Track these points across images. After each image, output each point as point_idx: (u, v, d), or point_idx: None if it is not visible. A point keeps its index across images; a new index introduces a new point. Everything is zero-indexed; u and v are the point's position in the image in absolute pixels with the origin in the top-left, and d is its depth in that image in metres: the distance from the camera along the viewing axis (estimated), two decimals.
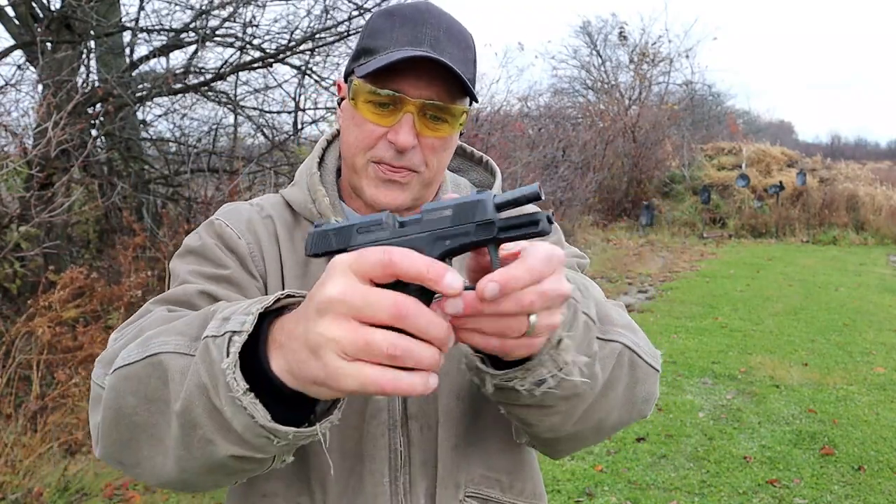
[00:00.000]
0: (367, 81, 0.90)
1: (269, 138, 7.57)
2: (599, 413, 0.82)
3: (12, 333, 3.88)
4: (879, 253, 13.01)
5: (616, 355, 0.83)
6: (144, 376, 0.71)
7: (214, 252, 0.95)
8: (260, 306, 0.66)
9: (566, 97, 20.93)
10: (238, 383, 0.62)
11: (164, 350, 0.71)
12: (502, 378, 0.71)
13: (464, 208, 0.61)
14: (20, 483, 3.34)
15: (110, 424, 0.75)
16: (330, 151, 1.08)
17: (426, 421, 0.94)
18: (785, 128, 42.33)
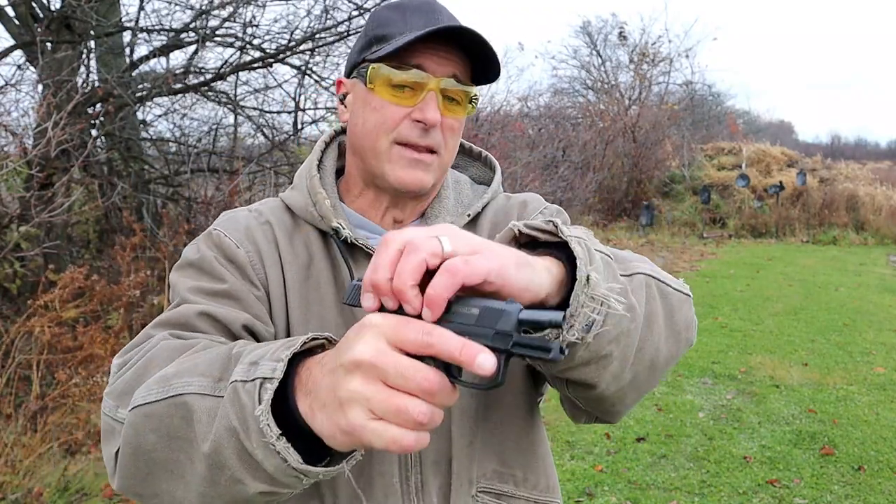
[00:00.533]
0: (387, 63, 0.91)
1: (269, 138, 7.57)
2: (650, 349, 0.81)
3: (12, 333, 3.88)
4: (879, 253, 13.01)
5: (644, 286, 0.81)
6: (167, 416, 0.72)
7: (212, 265, 0.94)
8: (288, 352, 0.67)
9: (566, 97, 20.95)
10: (272, 430, 0.64)
11: (188, 391, 0.72)
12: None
13: (490, 313, 0.63)
14: (20, 483, 3.34)
15: (129, 459, 0.76)
16: (328, 153, 1.08)
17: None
18: (785, 128, 42.34)
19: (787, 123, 46.60)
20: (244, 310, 0.90)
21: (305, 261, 0.97)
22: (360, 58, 0.96)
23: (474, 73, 0.95)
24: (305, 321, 0.94)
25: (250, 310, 0.91)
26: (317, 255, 0.98)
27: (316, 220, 0.98)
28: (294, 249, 0.98)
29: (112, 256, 5.31)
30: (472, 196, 1.07)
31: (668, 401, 5.04)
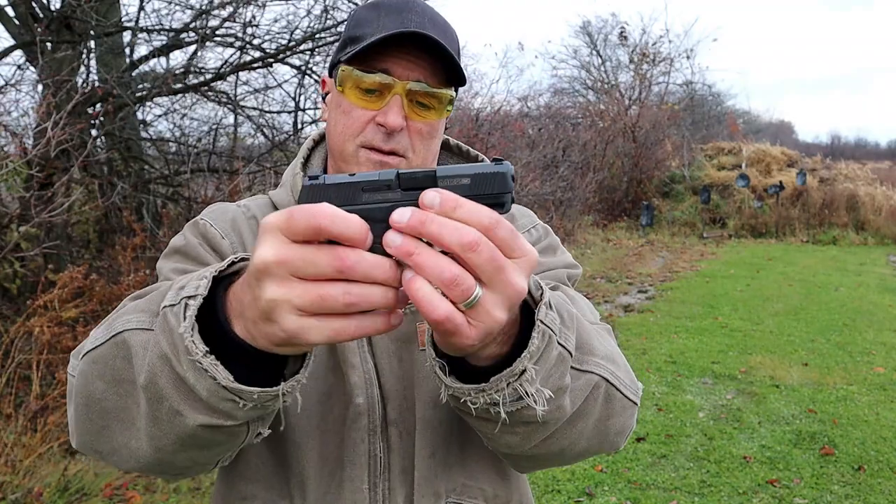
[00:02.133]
0: (353, 66, 0.91)
1: (269, 138, 7.57)
2: (562, 442, 0.79)
3: (12, 333, 3.88)
4: (879, 253, 13.01)
5: (591, 387, 0.80)
6: (110, 357, 0.72)
7: (197, 251, 0.95)
8: (214, 270, 0.65)
9: (566, 97, 20.95)
10: (197, 346, 0.61)
11: (127, 328, 0.71)
12: (456, 391, 0.68)
13: (484, 180, 0.59)
14: (20, 483, 3.34)
15: (82, 412, 0.75)
16: (316, 152, 1.08)
17: (405, 427, 0.93)
18: (785, 128, 42.33)
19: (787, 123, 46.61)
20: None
21: None
22: (335, 58, 0.96)
23: (449, 76, 0.94)
24: None
25: None
26: None
27: None
28: None
29: (112, 256, 5.32)
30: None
31: (668, 401, 5.04)
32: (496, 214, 0.56)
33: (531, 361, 0.66)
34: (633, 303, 8.50)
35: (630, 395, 0.85)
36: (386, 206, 0.59)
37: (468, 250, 0.54)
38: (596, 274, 10.35)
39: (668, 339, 6.75)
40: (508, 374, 0.65)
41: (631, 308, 8.19)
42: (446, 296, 0.55)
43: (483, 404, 0.67)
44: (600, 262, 11.26)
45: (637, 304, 8.39)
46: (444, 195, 0.56)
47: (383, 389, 0.93)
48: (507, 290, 0.56)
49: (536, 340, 0.66)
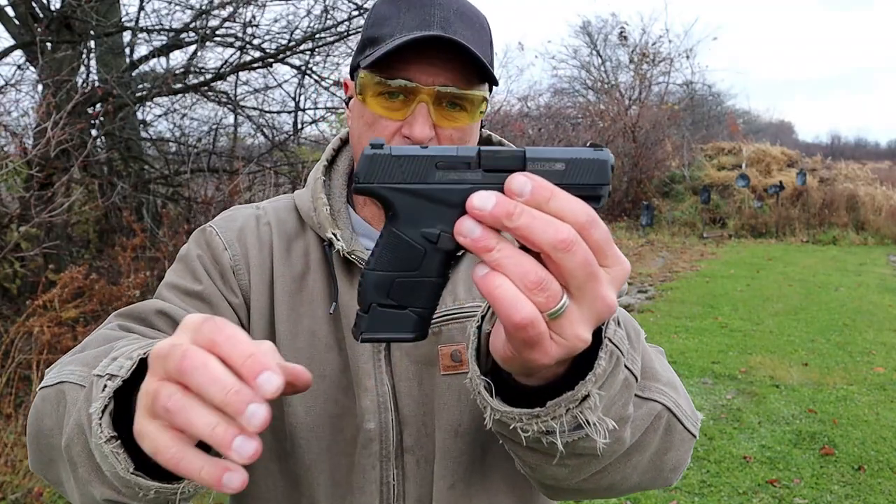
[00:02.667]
0: (373, 72, 0.84)
1: (269, 138, 7.58)
2: (614, 477, 0.71)
3: (12, 333, 3.88)
4: (879, 253, 13.01)
5: (652, 418, 0.72)
6: (54, 401, 0.70)
7: (194, 264, 0.92)
8: (142, 352, 0.60)
9: (566, 97, 20.96)
10: (102, 430, 0.57)
11: (69, 379, 0.69)
12: (504, 415, 0.59)
13: (580, 166, 0.51)
14: (20, 483, 3.34)
15: (33, 442, 0.74)
16: (343, 153, 1.01)
17: (423, 455, 0.88)
18: (785, 128, 42.33)
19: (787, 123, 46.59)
20: (213, 314, 0.84)
21: (300, 271, 0.92)
22: (356, 61, 0.90)
23: (481, 74, 0.86)
24: (293, 334, 0.89)
25: (221, 315, 0.86)
26: (314, 266, 0.92)
27: (315, 227, 0.92)
28: (290, 258, 0.93)
29: (112, 256, 5.32)
30: None
31: None
32: (593, 212, 0.49)
33: (596, 386, 0.57)
34: (633, 303, 8.50)
35: (690, 428, 0.78)
36: (463, 187, 0.51)
37: (560, 250, 0.47)
38: None
39: (668, 339, 6.75)
40: (569, 398, 0.56)
41: (631, 308, 8.19)
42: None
43: (535, 433, 0.59)
44: None
45: (637, 304, 8.39)
46: (537, 182, 0.48)
47: (400, 414, 0.88)
48: (597, 303, 0.49)
49: (604, 362, 0.57)
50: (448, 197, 0.52)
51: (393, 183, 0.52)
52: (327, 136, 8.67)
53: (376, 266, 0.53)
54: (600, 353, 0.57)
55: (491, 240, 0.47)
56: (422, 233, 0.52)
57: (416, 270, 0.53)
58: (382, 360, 0.88)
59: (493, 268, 0.47)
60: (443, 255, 0.53)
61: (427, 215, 0.52)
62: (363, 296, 0.54)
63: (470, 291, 0.91)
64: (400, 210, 0.53)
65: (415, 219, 0.52)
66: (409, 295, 0.53)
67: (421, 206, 0.52)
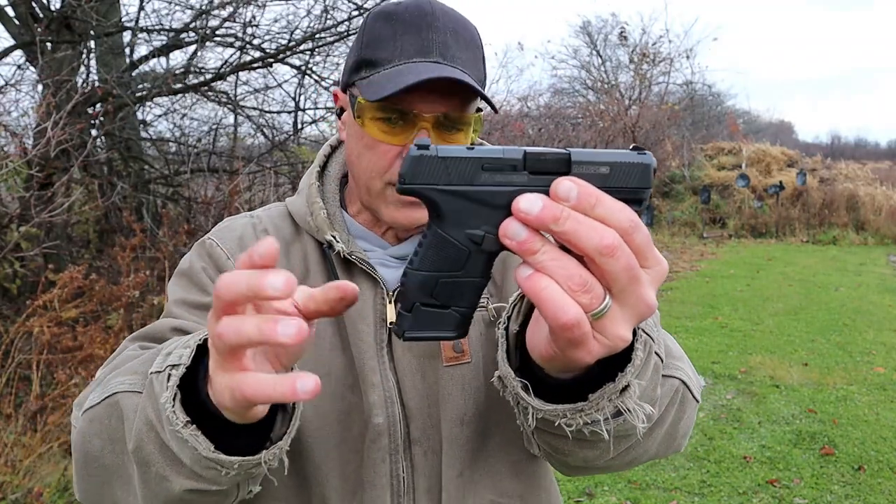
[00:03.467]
0: (373, 100, 0.85)
1: (269, 138, 7.57)
2: (638, 451, 0.76)
3: (12, 333, 3.88)
4: (879, 253, 13.01)
5: (672, 393, 0.76)
6: (105, 417, 0.72)
7: (199, 277, 0.93)
8: (198, 338, 0.64)
9: (566, 97, 20.96)
10: (177, 416, 0.60)
11: (120, 389, 0.71)
12: (549, 413, 0.62)
13: (624, 170, 0.52)
14: (20, 483, 3.34)
15: (81, 468, 0.75)
16: (334, 158, 1.03)
17: (430, 446, 0.91)
18: (785, 128, 42.30)
19: (787, 123, 46.56)
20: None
21: (301, 273, 0.93)
22: (350, 78, 0.90)
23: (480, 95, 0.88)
24: None
25: None
26: (313, 269, 0.94)
27: (313, 231, 0.94)
28: (290, 262, 0.94)
29: (112, 256, 5.31)
30: None
31: None
32: (636, 216, 0.50)
33: (634, 375, 0.60)
34: None
35: (697, 395, 0.82)
36: (510, 189, 0.51)
37: (605, 255, 0.48)
38: None
39: None
40: (611, 390, 0.59)
41: None
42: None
43: (579, 425, 0.62)
44: None
45: None
46: (583, 187, 0.49)
47: (406, 408, 0.90)
48: (639, 304, 0.51)
49: (641, 353, 0.60)
50: (494, 199, 0.52)
51: (439, 184, 0.52)
52: (327, 136, 8.67)
53: (420, 266, 0.54)
54: (636, 345, 0.59)
55: (536, 242, 0.49)
56: (467, 234, 0.53)
57: (460, 271, 0.54)
58: (385, 356, 0.90)
59: (538, 270, 0.49)
60: (486, 255, 0.54)
61: (472, 216, 0.53)
62: (406, 295, 0.54)
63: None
64: (445, 211, 0.53)
65: (460, 220, 0.53)
66: (453, 294, 0.54)
67: (466, 207, 0.52)
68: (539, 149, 0.52)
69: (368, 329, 0.90)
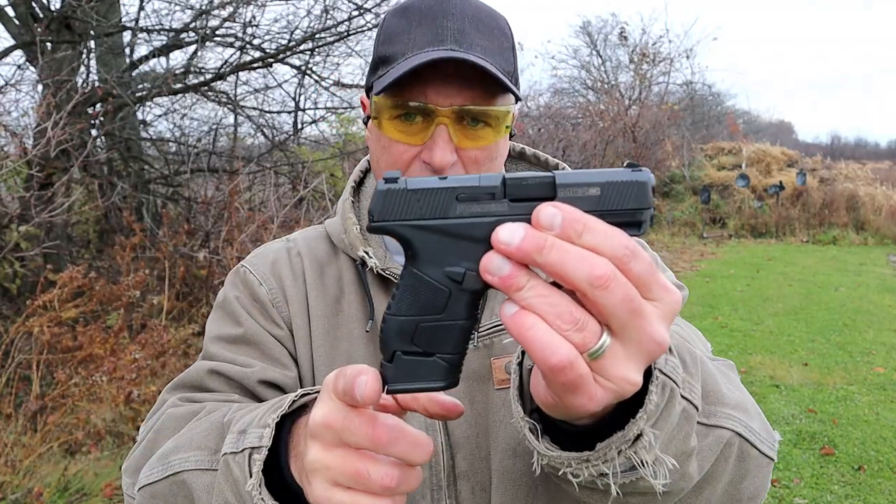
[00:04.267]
0: (387, 96, 0.79)
1: (269, 138, 7.58)
2: None
3: (12, 333, 3.88)
4: (879, 253, 13.00)
5: (722, 445, 0.65)
6: (170, 496, 0.71)
7: (233, 307, 0.91)
8: (275, 416, 0.63)
9: (566, 97, 20.96)
10: (265, 503, 0.59)
11: (186, 468, 0.70)
12: (553, 460, 0.55)
13: (617, 190, 0.46)
14: (20, 483, 3.34)
15: None
16: (371, 174, 0.98)
17: (478, 481, 0.81)
18: (785, 128, 42.30)
19: (787, 123, 46.57)
20: (261, 355, 0.86)
21: (335, 294, 0.90)
22: (369, 81, 0.85)
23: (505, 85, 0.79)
24: (331, 359, 0.87)
25: (269, 353, 0.87)
26: (348, 288, 0.90)
27: (347, 248, 0.90)
28: (324, 282, 0.91)
29: (112, 256, 5.32)
30: None
31: None
32: (633, 242, 0.44)
33: (649, 423, 0.53)
34: None
35: (767, 452, 0.70)
36: (489, 220, 0.47)
37: (598, 287, 0.42)
38: None
39: None
40: (620, 439, 0.52)
41: None
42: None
43: (588, 476, 0.55)
44: None
45: None
46: (568, 213, 0.43)
47: (451, 437, 0.82)
48: (644, 341, 0.44)
49: (655, 396, 0.52)
50: (472, 232, 0.47)
51: (411, 219, 0.48)
52: (327, 136, 8.67)
53: (397, 311, 0.49)
54: (650, 388, 0.53)
55: (521, 277, 0.44)
56: (445, 272, 0.48)
57: (441, 314, 0.49)
58: None
59: (524, 307, 0.44)
60: (469, 295, 0.48)
61: (450, 253, 0.48)
62: (385, 343, 0.50)
63: None
64: (420, 249, 0.48)
65: (437, 257, 0.48)
66: (436, 340, 0.49)
67: (443, 243, 0.48)
68: (520, 174, 0.48)
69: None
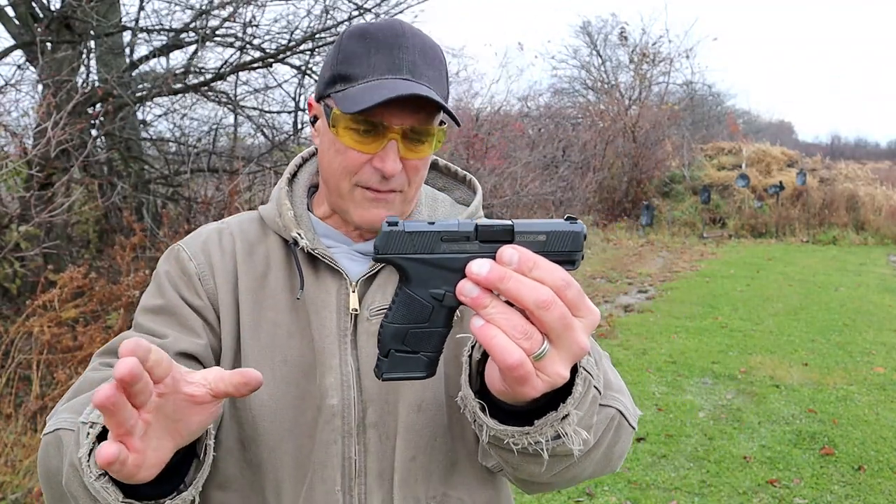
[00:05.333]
0: (347, 111, 0.91)
1: (269, 138, 7.58)
2: (576, 470, 0.84)
3: (12, 333, 3.88)
4: (879, 253, 13.01)
5: (608, 420, 0.86)
6: (55, 447, 0.81)
7: (159, 279, 1.01)
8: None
9: (566, 97, 20.97)
10: (91, 471, 0.68)
11: (63, 426, 0.80)
12: (500, 433, 0.72)
13: (558, 238, 0.64)
14: (20, 483, 3.34)
15: (45, 482, 0.84)
16: (304, 168, 1.10)
17: (385, 431, 0.94)
18: (785, 128, 42.29)
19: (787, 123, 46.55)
20: (179, 324, 0.96)
21: (262, 270, 1.01)
22: (324, 90, 0.96)
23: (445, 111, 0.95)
24: (256, 326, 0.98)
25: (185, 323, 0.96)
26: (275, 265, 1.01)
27: (281, 230, 1.01)
28: (252, 260, 1.02)
29: (112, 256, 5.31)
30: (449, 215, 1.08)
31: (668, 401, 5.04)
32: (568, 276, 0.61)
33: (574, 406, 0.70)
34: (633, 303, 8.50)
35: (633, 423, 0.92)
36: (464, 256, 0.63)
37: (542, 308, 0.59)
38: (596, 274, 10.35)
39: (668, 339, 6.75)
40: (553, 418, 0.70)
41: (631, 308, 8.19)
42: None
43: (524, 445, 0.72)
44: (600, 262, 11.26)
45: (637, 304, 8.39)
46: (523, 253, 0.60)
47: (364, 393, 0.94)
48: (573, 347, 0.61)
49: (580, 387, 0.70)
50: (452, 264, 0.64)
51: (407, 254, 0.64)
52: None
53: (394, 320, 0.66)
54: (577, 380, 0.70)
55: (486, 299, 0.60)
56: (430, 293, 0.65)
57: (426, 323, 0.66)
58: (349, 343, 0.95)
59: (488, 321, 0.60)
60: (447, 310, 0.65)
61: (434, 279, 0.64)
62: (383, 343, 0.67)
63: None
64: (412, 275, 0.65)
65: (424, 281, 0.65)
66: (421, 342, 0.66)
67: (429, 271, 0.64)
68: (487, 221, 0.65)
69: (331, 317, 0.96)
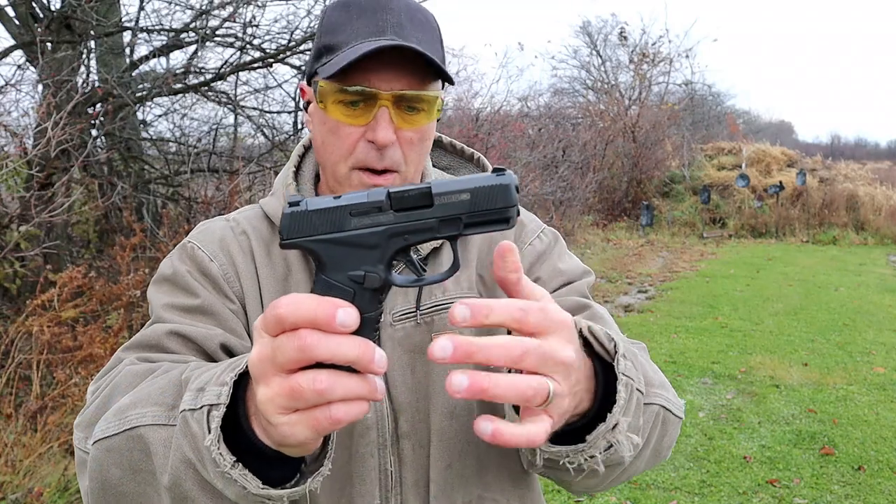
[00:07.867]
0: (332, 81, 0.86)
1: (269, 138, 7.57)
2: (631, 470, 0.83)
3: (12, 333, 3.88)
4: (879, 253, 13.01)
5: (654, 417, 0.83)
6: (126, 450, 0.71)
7: (185, 280, 0.92)
8: (233, 374, 0.64)
9: (566, 97, 20.94)
10: (225, 458, 0.61)
11: (143, 423, 0.71)
12: (554, 454, 0.70)
13: (484, 194, 0.56)
14: (20, 483, 3.34)
15: (98, 495, 0.75)
16: (307, 159, 1.05)
17: (418, 440, 0.92)
18: (785, 128, 42.32)
19: (787, 123, 46.61)
20: (219, 325, 0.89)
21: (283, 272, 0.95)
22: (312, 68, 0.92)
23: (437, 69, 0.88)
24: None
25: (226, 324, 0.90)
26: (295, 266, 0.95)
27: None
28: (272, 261, 0.95)
29: (112, 256, 5.31)
30: None
31: None
32: (524, 302, 0.57)
33: (621, 414, 0.69)
34: (633, 303, 8.50)
35: (678, 414, 0.88)
36: (378, 230, 0.56)
37: (519, 363, 0.56)
38: (596, 274, 10.33)
39: (668, 339, 6.75)
40: (604, 430, 0.68)
41: (631, 308, 8.19)
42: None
43: (579, 463, 0.70)
44: (600, 262, 11.25)
45: (637, 304, 8.39)
46: (474, 308, 0.55)
47: (394, 402, 0.92)
48: (559, 366, 0.58)
49: (624, 394, 0.69)
50: (365, 240, 0.56)
51: (314, 235, 0.57)
52: None
53: None
54: (619, 388, 0.68)
55: (483, 382, 0.54)
56: (349, 276, 0.57)
57: None
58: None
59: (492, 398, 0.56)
60: (370, 292, 0.57)
61: (350, 259, 0.57)
62: None
63: (458, 283, 0.97)
64: (325, 259, 0.57)
65: (340, 264, 0.57)
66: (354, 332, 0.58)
67: (343, 252, 0.57)
68: (401, 186, 0.57)
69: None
